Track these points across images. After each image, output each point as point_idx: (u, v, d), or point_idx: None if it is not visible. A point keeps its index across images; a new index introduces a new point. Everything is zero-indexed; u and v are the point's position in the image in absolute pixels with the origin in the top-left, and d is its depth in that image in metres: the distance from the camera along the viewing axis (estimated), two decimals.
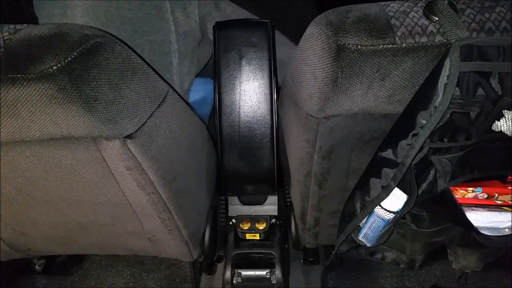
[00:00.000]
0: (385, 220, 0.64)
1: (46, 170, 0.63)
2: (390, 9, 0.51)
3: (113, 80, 0.50)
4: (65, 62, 0.44)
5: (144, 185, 0.67)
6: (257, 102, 0.84)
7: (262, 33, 0.84)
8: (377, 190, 0.60)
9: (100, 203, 0.73)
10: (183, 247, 0.90)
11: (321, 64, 0.52)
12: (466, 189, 0.70)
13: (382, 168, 0.59)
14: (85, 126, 0.51)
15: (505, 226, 0.69)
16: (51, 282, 1.24)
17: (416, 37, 0.49)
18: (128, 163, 0.62)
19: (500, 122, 0.53)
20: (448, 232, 0.84)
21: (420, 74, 0.51)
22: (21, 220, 0.79)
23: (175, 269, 1.25)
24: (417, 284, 1.17)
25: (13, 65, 0.44)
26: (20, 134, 0.51)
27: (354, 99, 0.55)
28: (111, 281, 1.24)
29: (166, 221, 0.78)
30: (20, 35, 0.46)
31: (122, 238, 0.89)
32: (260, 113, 0.84)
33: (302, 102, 0.62)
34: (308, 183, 0.78)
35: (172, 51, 0.89)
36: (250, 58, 0.84)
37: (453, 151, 0.57)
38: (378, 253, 0.93)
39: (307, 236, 0.98)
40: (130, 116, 0.56)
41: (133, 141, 0.59)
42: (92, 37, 0.47)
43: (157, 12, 0.85)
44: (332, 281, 1.19)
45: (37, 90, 0.45)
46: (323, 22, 0.51)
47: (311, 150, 0.69)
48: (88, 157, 0.61)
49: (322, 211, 0.86)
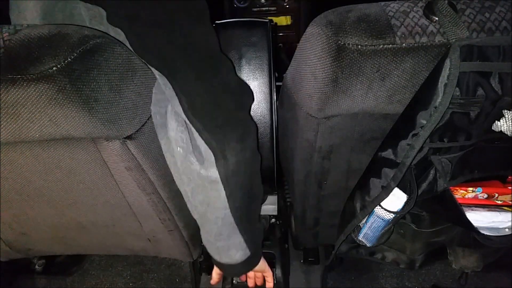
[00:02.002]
0: (385, 220, 0.64)
1: (46, 170, 0.63)
2: (390, 9, 0.51)
3: (113, 81, 0.50)
4: (65, 63, 0.44)
5: (144, 186, 0.67)
6: (256, 101, 0.84)
7: (261, 32, 0.84)
8: (377, 190, 0.60)
9: (99, 204, 0.73)
10: (183, 247, 0.90)
11: (321, 64, 0.52)
12: (466, 189, 0.70)
13: (382, 168, 0.59)
14: (85, 127, 0.50)
15: (505, 226, 0.69)
16: (51, 282, 1.24)
17: (416, 37, 0.49)
18: (128, 164, 0.62)
19: (500, 122, 0.52)
20: (448, 232, 0.84)
21: (420, 74, 0.51)
22: (21, 220, 0.79)
23: (175, 269, 1.26)
24: (417, 284, 1.17)
25: (13, 66, 0.44)
26: (20, 135, 0.51)
27: (354, 99, 0.55)
28: (111, 281, 1.24)
29: (166, 222, 0.78)
30: (20, 36, 0.46)
31: (122, 238, 0.89)
32: (260, 112, 0.84)
33: (302, 102, 0.62)
34: (308, 183, 0.78)
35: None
36: (250, 58, 0.84)
37: (453, 151, 0.57)
38: (378, 253, 0.93)
39: (307, 236, 0.98)
40: (130, 116, 0.56)
41: (133, 142, 0.59)
42: (92, 38, 0.47)
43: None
44: (332, 281, 1.19)
45: (37, 91, 0.44)
46: (323, 22, 0.51)
47: (311, 150, 0.69)
48: (87, 158, 0.61)
49: (322, 211, 0.86)
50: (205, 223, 0.65)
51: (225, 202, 0.59)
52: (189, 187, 0.61)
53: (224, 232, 0.64)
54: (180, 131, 0.56)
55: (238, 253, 0.69)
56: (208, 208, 0.62)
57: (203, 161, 0.56)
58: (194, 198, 0.62)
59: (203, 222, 0.65)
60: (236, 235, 0.65)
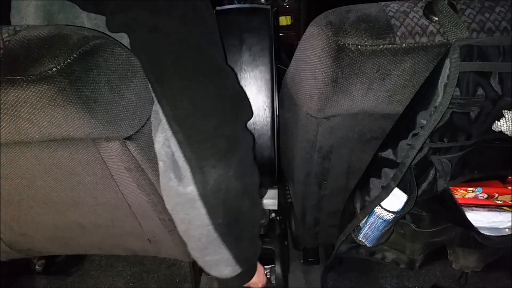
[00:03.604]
0: (385, 220, 0.64)
1: (46, 171, 0.63)
2: (390, 9, 0.51)
3: (112, 82, 0.50)
4: (64, 64, 0.44)
5: (144, 186, 0.67)
6: (257, 88, 0.80)
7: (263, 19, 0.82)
8: (377, 190, 0.60)
9: (99, 205, 0.73)
10: (183, 247, 0.90)
11: (321, 64, 0.52)
12: (466, 189, 0.70)
13: (382, 168, 0.59)
14: (84, 128, 0.50)
15: (505, 226, 0.69)
16: (51, 282, 1.24)
17: (416, 37, 0.49)
18: (128, 164, 0.62)
19: (500, 122, 0.52)
20: (448, 232, 0.84)
21: (420, 74, 0.51)
22: (21, 220, 0.79)
23: (175, 269, 1.26)
24: (417, 284, 1.17)
25: (12, 67, 0.44)
26: (20, 135, 0.51)
27: (354, 99, 0.55)
28: (111, 281, 1.24)
29: (166, 222, 0.78)
30: (20, 37, 0.46)
31: (122, 238, 0.89)
32: (261, 99, 0.80)
33: (302, 102, 0.62)
34: (308, 183, 0.78)
35: None
36: (251, 44, 0.81)
37: (453, 151, 0.57)
38: (378, 253, 0.93)
39: (307, 236, 0.98)
40: (130, 117, 0.56)
41: (133, 143, 0.59)
42: (91, 38, 0.47)
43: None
44: (332, 281, 1.19)
45: (37, 92, 0.44)
46: (323, 22, 0.51)
47: (311, 150, 0.69)
48: (87, 159, 0.61)
49: (322, 211, 0.86)
50: (189, 241, 0.62)
51: (207, 219, 0.56)
52: (169, 205, 0.58)
53: (209, 247, 0.61)
54: (166, 145, 0.53)
55: (227, 268, 0.65)
56: (189, 226, 0.58)
57: (182, 177, 0.53)
58: (174, 216, 0.59)
59: (187, 239, 0.62)
60: (222, 251, 0.61)
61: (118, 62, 0.51)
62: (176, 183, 0.53)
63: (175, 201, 0.56)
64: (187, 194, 0.53)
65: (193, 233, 0.59)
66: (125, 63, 0.52)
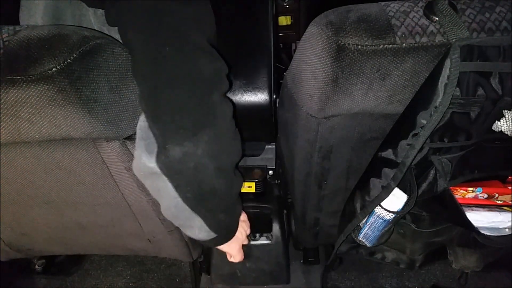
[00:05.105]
0: (385, 220, 0.64)
1: (46, 171, 0.63)
2: (390, 9, 0.51)
3: (112, 82, 0.50)
4: (64, 64, 0.44)
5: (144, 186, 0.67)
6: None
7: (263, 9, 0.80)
8: (377, 190, 0.60)
9: (99, 205, 0.73)
10: (183, 247, 0.90)
11: (321, 64, 0.52)
12: (466, 189, 0.70)
13: (382, 168, 0.58)
14: (84, 128, 0.50)
15: (505, 226, 0.69)
16: (51, 282, 1.24)
17: (416, 37, 0.48)
18: (128, 164, 0.62)
19: (500, 122, 0.52)
20: (448, 232, 0.84)
21: (420, 74, 0.51)
22: (21, 220, 0.79)
23: (175, 269, 1.26)
24: (417, 284, 1.17)
25: (12, 67, 0.44)
26: (20, 135, 0.51)
27: (354, 99, 0.55)
28: (111, 281, 1.24)
29: (166, 222, 0.78)
30: (20, 37, 0.46)
31: (122, 238, 0.89)
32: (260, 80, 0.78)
33: (302, 102, 0.62)
34: (308, 183, 0.78)
35: None
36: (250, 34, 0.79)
37: (453, 151, 0.57)
38: (378, 253, 0.93)
39: (307, 236, 0.98)
40: (129, 117, 0.56)
41: (133, 143, 0.59)
42: (91, 38, 0.47)
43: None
44: (332, 281, 1.19)
45: (37, 92, 0.44)
46: (323, 22, 0.51)
47: (311, 150, 0.69)
48: (87, 158, 0.61)
49: (322, 211, 0.86)
50: (162, 208, 0.62)
51: (174, 192, 0.55)
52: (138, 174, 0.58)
53: (180, 216, 0.60)
54: (142, 119, 0.53)
55: (201, 233, 0.64)
56: (159, 194, 0.58)
57: (150, 151, 0.52)
58: (145, 182, 0.59)
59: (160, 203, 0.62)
60: (195, 220, 0.60)
61: (118, 62, 0.51)
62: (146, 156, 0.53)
63: (144, 171, 0.55)
64: (151, 168, 0.53)
65: (164, 203, 0.59)
66: (125, 63, 0.52)
